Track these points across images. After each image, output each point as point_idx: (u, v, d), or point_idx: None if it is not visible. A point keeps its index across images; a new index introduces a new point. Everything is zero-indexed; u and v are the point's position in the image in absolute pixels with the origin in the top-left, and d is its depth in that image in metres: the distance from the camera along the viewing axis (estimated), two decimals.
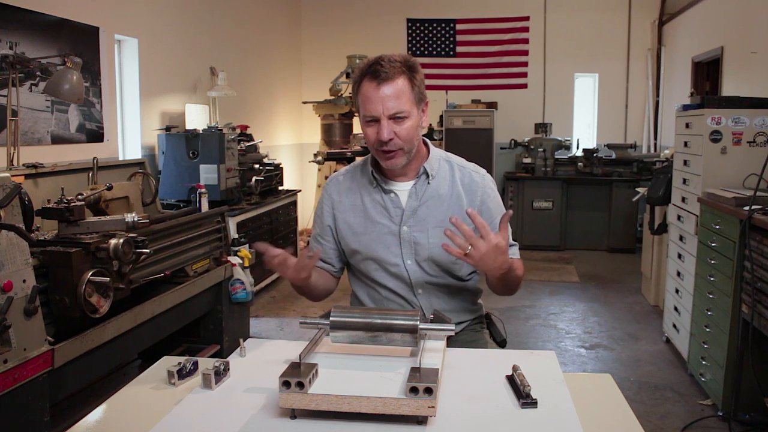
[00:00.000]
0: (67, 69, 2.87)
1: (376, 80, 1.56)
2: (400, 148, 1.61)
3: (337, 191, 1.79)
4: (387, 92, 1.56)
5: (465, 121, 6.94)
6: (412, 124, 1.60)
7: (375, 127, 1.59)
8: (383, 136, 1.57)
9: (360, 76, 1.60)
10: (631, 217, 6.71)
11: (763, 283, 2.52)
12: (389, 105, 1.56)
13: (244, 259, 3.08)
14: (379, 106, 1.56)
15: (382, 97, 1.56)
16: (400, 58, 1.60)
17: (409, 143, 1.62)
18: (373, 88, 1.57)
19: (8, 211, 1.78)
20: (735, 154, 3.21)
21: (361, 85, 1.60)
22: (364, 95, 1.59)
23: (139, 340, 2.40)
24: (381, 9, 7.81)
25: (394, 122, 1.58)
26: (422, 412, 1.12)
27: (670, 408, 3.09)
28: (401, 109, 1.57)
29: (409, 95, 1.59)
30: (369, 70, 1.58)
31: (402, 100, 1.57)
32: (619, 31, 7.40)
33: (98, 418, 1.25)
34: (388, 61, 1.57)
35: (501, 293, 1.71)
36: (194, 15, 5.35)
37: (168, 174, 4.44)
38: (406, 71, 1.59)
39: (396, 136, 1.58)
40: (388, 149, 1.60)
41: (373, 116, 1.58)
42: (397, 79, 1.57)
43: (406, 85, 1.58)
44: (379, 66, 1.56)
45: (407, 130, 1.59)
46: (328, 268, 1.82)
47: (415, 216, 1.70)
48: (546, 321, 4.53)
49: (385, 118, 1.57)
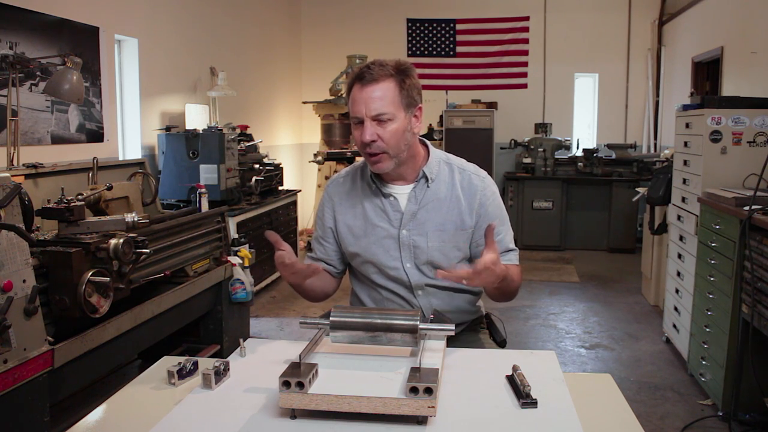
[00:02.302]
0: (67, 69, 2.87)
1: (361, 82, 1.58)
2: (384, 152, 1.60)
3: (338, 194, 1.79)
4: (371, 94, 1.57)
5: (465, 121, 6.94)
6: (398, 128, 1.59)
7: (360, 128, 1.60)
8: (365, 137, 1.57)
9: (351, 81, 1.62)
10: (631, 217, 6.71)
11: (763, 283, 2.52)
12: (372, 106, 1.56)
13: (244, 259, 3.08)
14: (362, 107, 1.57)
15: (365, 99, 1.57)
16: (392, 62, 1.61)
17: (395, 147, 1.60)
18: (358, 89, 1.58)
19: (8, 211, 1.78)
20: (735, 154, 3.22)
21: (351, 88, 1.62)
22: (352, 97, 1.61)
23: (139, 340, 2.40)
24: (381, 9, 7.81)
25: (377, 124, 1.58)
26: (422, 412, 1.12)
27: (670, 408, 3.09)
28: (384, 111, 1.57)
29: (394, 98, 1.58)
30: (358, 73, 1.60)
31: (385, 102, 1.57)
32: (619, 31, 7.40)
33: (98, 418, 1.25)
34: (378, 65, 1.59)
35: (498, 300, 1.72)
36: (194, 15, 5.35)
37: (168, 174, 4.44)
38: (395, 74, 1.59)
39: (379, 138, 1.58)
40: (372, 152, 1.60)
41: (357, 117, 1.59)
42: (383, 81, 1.57)
43: (392, 88, 1.58)
44: (367, 69, 1.58)
45: (391, 133, 1.58)
46: (329, 269, 1.82)
47: (414, 220, 1.69)
48: (546, 321, 4.53)
49: (368, 119, 1.57)
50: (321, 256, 1.81)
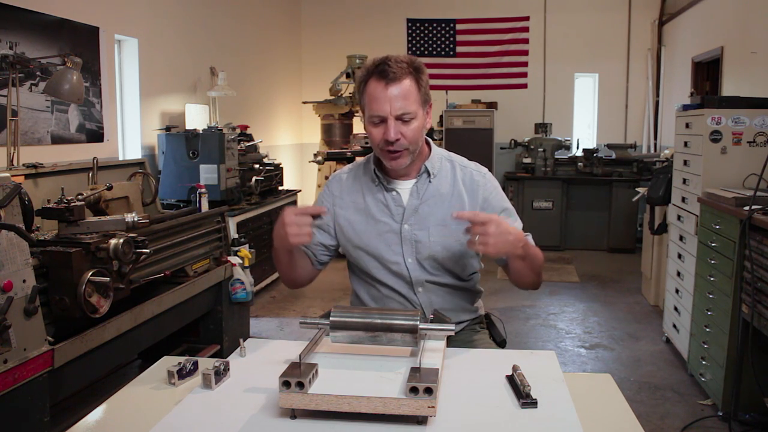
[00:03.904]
0: (67, 69, 2.87)
1: (384, 80, 1.56)
2: (405, 149, 1.61)
3: (339, 188, 1.79)
4: (395, 92, 1.56)
5: (465, 121, 6.94)
6: (418, 125, 1.61)
7: (381, 127, 1.59)
8: (390, 136, 1.57)
9: (366, 76, 1.60)
10: (631, 217, 6.70)
11: (763, 283, 2.52)
12: (397, 105, 1.56)
13: (244, 259, 3.08)
14: (387, 106, 1.56)
15: (390, 98, 1.56)
16: (406, 59, 1.60)
17: (414, 144, 1.62)
18: (381, 87, 1.57)
19: (8, 211, 1.78)
20: (735, 154, 3.21)
21: (367, 84, 1.60)
22: (370, 95, 1.59)
23: (139, 340, 2.40)
24: (381, 9, 7.81)
25: (401, 123, 1.58)
26: (422, 412, 1.12)
27: (670, 408, 3.09)
28: (408, 110, 1.57)
29: (415, 96, 1.59)
30: (376, 69, 1.58)
31: (409, 101, 1.57)
32: (619, 31, 7.40)
33: (98, 418, 1.25)
34: (395, 62, 1.57)
35: (529, 282, 1.71)
36: (194, 15, 5.35)
37: (168, 174, 4.44)
38: (413, 72, 1.59)
39: (402, 136, 1.59)
40: (394, 149, 1.60)
41: (380, 116, 1.58)
42: (405, 79, 1.57)
43: (413, 86, 1.59)
44: (386, 66, 1.56)
45: (413, 131, 1.60)
46: (308, 254, 1.78)
47: (416, 214, 1.70)
48: (546, 321, 4.53)
49: (392, 118, 1.57)
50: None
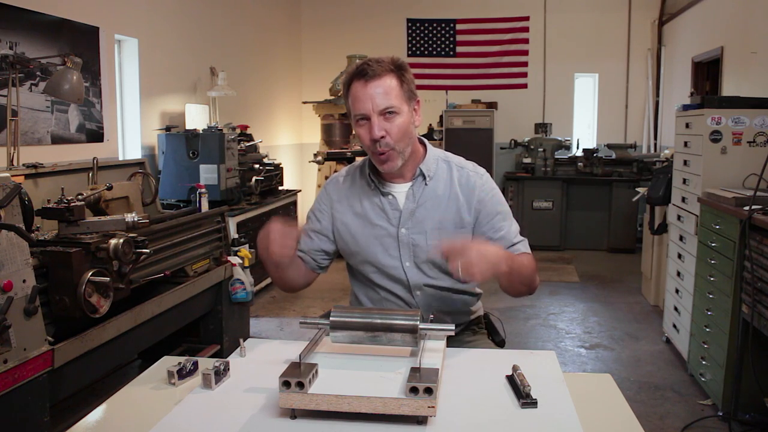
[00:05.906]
0: (67, 69, 2.87)
1: (364, 78, 1.57)
2: (392, 148, 1.60)
3: (337, 192, 1.78)
4: (376, 89, 1.57)
5: (465, 121, 6.94)
6: (404, 121, 1.60)
7: (366, 126, 1.60)
8: (374, 133, 1.57)
9: (349, 79, 1.62)
10: (631, 217, 6.70)
11: (763, 283, 2.52)
12: (378, 101, 1.57)
13: (244, 259, 3.09)
14: (369, 104, 1.57)
15: (371, 95, 1.57)
16: (388, 58, 1.62)
17: (401, 142, 1.61)
18: (361, 86, 1.58)
19: (8, 211, 1.78)
20: (735, 154, 3.21)
21: (350, 86, 1.61)
22: (353, 95, 1.60)
23: (139, 340, 2.40)
24: (381, 9, 7.80)
25: (384, 119, 1.58)
26: (422, 412, 1.11)
27: (670, 408, 3.09)
28: (391, 105, 1.57)
29: (398, 92, 1.59)
30: (357, 71, 1.60)
31: (391, 96, 1.58)
32: (619, 31, 7.39)
33: (98, 418, 1.25)
34: (375, 62, 1.59)
35: (519, 292, 1.67)
36: (194, 15, 5.34)
37: (168, 174, 4.44)
38: (395, 69, 1.60)
39: (387, 134, 1.58)
40: (381, 150, 1.60)
41: (363, 114, 1.59)
42: (385, 76, 1.58)
43: (394, 82, 1.59)
44: (366, 66, 1.58)
45: (398, 127, 1.59)
46: (306, 259, 1.77)
47: (413, 218, 1.69)
48: (546, 321, 4.53)
49: (375, 114, 1.57)
50: (304, 247, 1.76)
